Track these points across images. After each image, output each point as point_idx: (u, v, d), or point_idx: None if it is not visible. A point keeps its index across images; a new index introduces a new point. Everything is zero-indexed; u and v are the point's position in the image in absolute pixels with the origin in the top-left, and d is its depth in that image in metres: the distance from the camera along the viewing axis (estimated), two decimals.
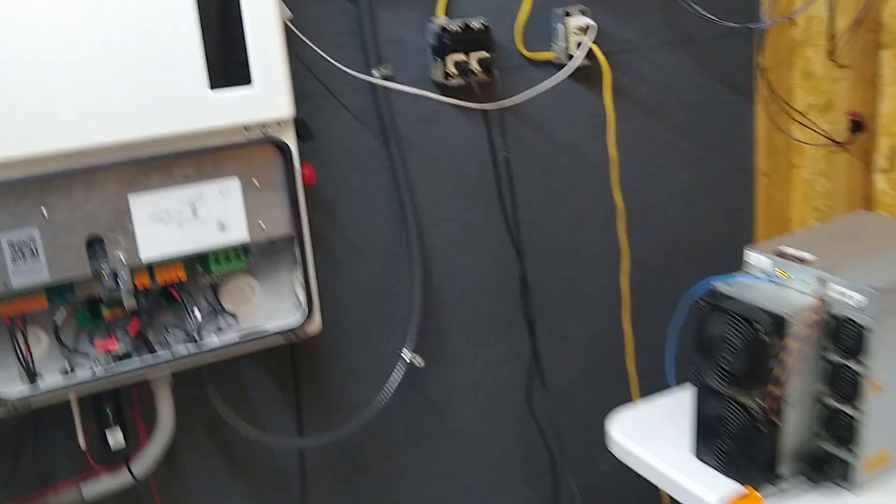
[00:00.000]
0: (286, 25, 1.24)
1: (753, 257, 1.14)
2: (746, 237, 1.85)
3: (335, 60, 1.35)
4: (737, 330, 1.05)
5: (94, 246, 1.14)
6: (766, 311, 1.03)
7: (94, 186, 1.12)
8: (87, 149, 1.09)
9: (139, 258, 1.16)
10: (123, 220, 1.14)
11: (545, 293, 1.64)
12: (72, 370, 1.19)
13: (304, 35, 1.32)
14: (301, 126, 1.25)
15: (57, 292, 1.15)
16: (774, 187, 1.85)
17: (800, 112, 1.77)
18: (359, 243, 1.48)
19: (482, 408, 1.65)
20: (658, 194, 1.72)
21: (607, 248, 1.66)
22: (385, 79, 1.42)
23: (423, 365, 1.50)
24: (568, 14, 1.54)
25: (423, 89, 1.44)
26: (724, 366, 1.08)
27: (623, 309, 1.68)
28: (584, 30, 1.54)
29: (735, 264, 1.84)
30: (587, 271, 1.68)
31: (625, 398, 1.69)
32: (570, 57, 1.55)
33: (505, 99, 1.49)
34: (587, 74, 1.57)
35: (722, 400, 1.10)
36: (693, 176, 1.76)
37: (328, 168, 1.42)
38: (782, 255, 1.12)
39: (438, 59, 1.46)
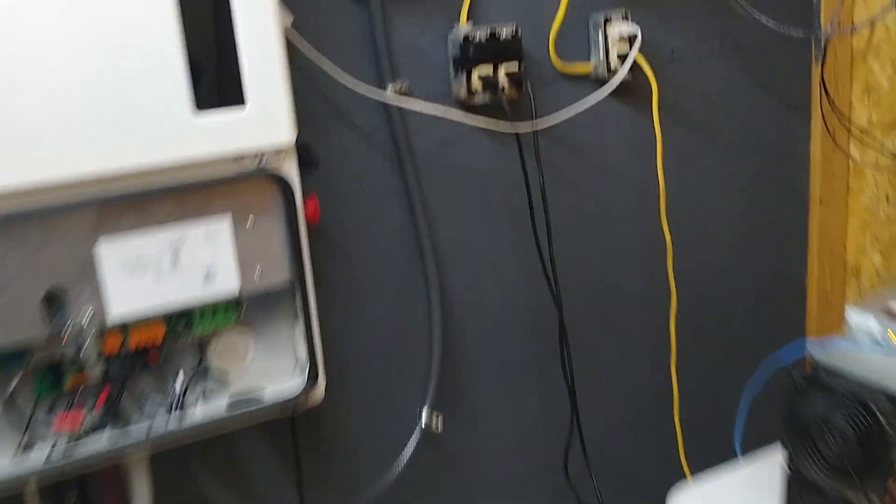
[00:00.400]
0: (286, 33, 1.04)
1: (857, 318, 0.93)
2: (800, 270, 1.65)
3: (343, 74, 1.15)
4: (847, 414, 0.85)
5: (54, 302, 0.93)
6: (885, 393, 0.83)
7: (52, 231, 0.91)
8: (44, 186, 0.89)
9: (108, 316, 0.95)
10: (89, 272, 0.94)
11: (582, 336, 1.43)
12: (29, 448, 0.98)
13: (306, 44, 1.12)
14: (304, 153, 1.04)
15: (9, 357, 0.95)
16: (830, 214, 1.65)
17: (861, 130, 1.57)
18: (369, 284, 1.28)
19: (512, 472, 1.44)
20: (706, 223, 1.52)
21: (652, 285, 1.46)
22: (400, 95, 1.22)
23: (440, 430, 1.29)
24: (608, 20, 1.34)
25: (443, 107, 1.23)
26: (827, 455, 0.88)
27: (670, 355, 1.47)
28: (628, 39, 1.34)
29: (789, 302, 1.67)
30: (630, 311, 1.48)
31: (670, 457, 1.49)
32: (610, 69, 1.35)
33: (538, 119, 1.29)
34: (630, 89, 1.37)
35: (823, 496, 0.90)
36: (743, 202, 1.56)
37: (334, 197, 1.22)
38: (894, 316, 0.92)
39: (461, 73, 1.26)
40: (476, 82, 1.26)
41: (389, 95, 1.21)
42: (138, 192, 0.93)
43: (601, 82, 1.35)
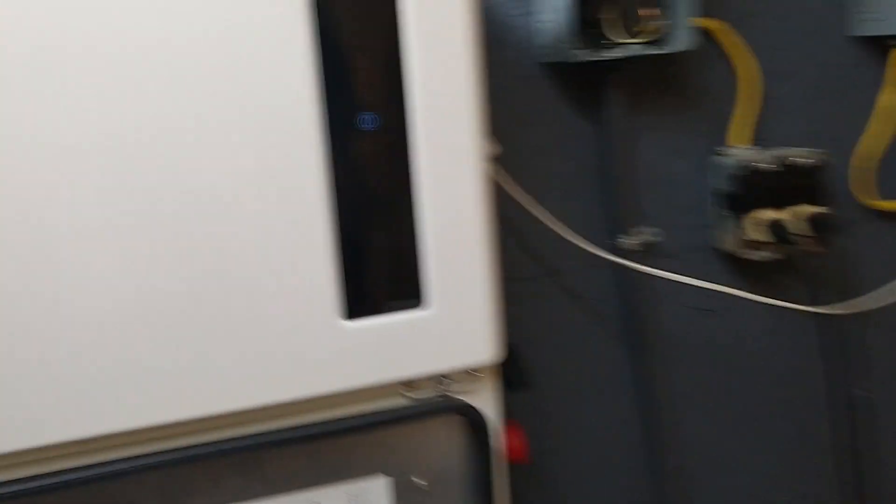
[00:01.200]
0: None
1: None
2: None
3: (557, 223, 0.78)
4: None
5: None
6: None
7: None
8: (106, 436, 0.55)
9: None
10: None
11: None
12: None
13: (511, 183, 0.76)
14: (511, 368, 0.67)
15: None
16: None
17: None
18: None
19: None
20: None
21: None
22: (641, 250, 0.84)
23: None
24: None
25: (702, 269, 0.84)
26: None
27: None
28: None
29: None
30: None
31: None
32: None
33: (857, 297, 0.86)
34: None
35: None
36: None
37: (540, 406, 0.84)
38: None
39: (733, 216, 0.85)
40: (756, 230, 0.85)
41: (621, 259, 0.82)
42: (251, 443, 0.58)
43: None
